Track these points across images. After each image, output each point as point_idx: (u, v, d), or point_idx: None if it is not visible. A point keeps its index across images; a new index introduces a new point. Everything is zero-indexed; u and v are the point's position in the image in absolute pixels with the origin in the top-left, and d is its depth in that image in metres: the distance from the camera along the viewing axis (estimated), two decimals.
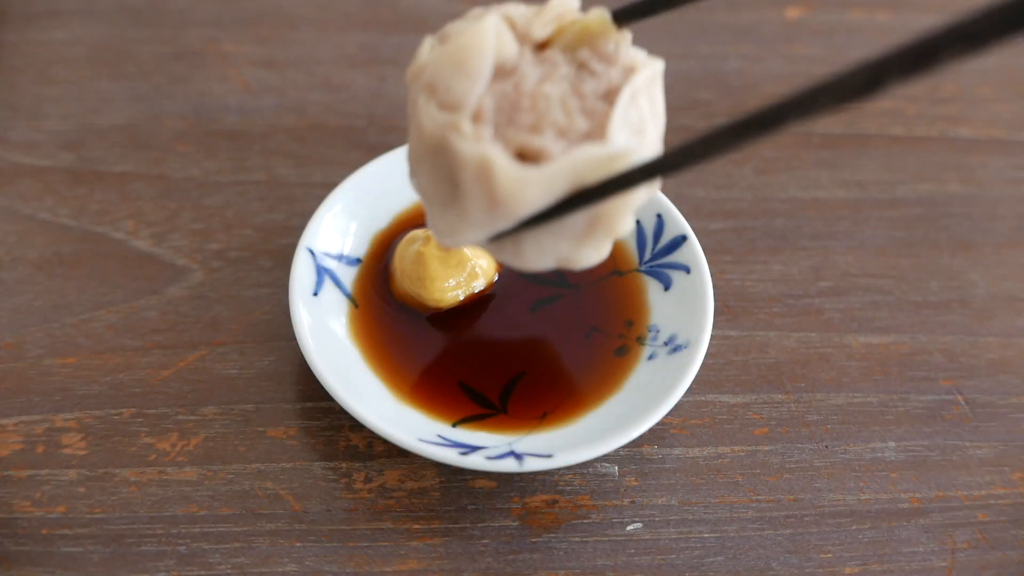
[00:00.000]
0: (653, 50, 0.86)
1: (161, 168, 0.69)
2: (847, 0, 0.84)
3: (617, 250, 0.62)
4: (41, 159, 0.69)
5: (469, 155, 0.43)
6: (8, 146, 0.70)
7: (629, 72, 0.46)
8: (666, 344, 0.58)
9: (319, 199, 0.62)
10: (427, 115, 0.45)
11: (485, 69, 0.44)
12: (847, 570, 0.54)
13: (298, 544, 0.53)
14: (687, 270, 0.60)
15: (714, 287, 0.59)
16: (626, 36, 0.48)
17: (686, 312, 0.58)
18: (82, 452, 0.56)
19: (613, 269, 0.62)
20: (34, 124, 0.71)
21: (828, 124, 0.75)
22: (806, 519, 0.56)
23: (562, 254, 0.48)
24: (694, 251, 0.60)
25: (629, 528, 0.55)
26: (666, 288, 0.60)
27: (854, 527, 0.56)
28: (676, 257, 0.60)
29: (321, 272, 0.59)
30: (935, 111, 0.77)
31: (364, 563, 0.53)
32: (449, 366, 0.58)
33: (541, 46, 0.48)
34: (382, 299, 0.60)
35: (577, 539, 0.54)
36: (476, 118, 0.44)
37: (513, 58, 0.46)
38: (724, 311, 0.64)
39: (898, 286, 0.66)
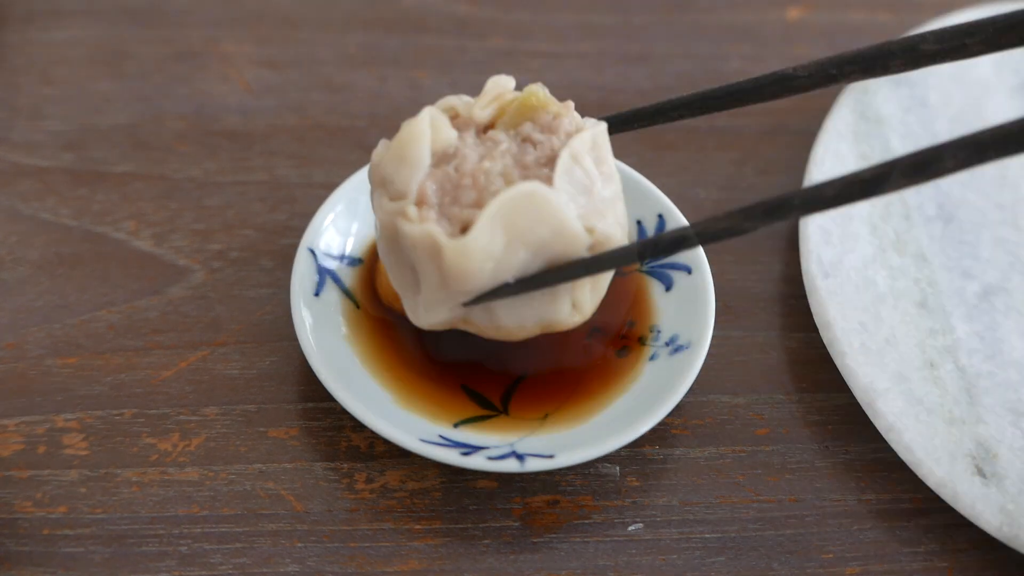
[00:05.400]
0: (653, 50, 0.85)
1: (162, 168, 0.69)
2: (847, 0, 0.84)
3: None
4: (42, 159, 0.69)
5: (416, 236, 0.47)
6: (9, 146, 0.70)
7: (570, 137, 0.50)
8: (667, 344, 0.58)
9: (320, 199, 0.62)
10: (379, 207, 0.50)
11: (423, 157, 0.49)
12: (848, 570, 0.54)
13: (299, 544, 0.53)
14: (688, 270, 0.60)
15: (716, 287, 0.59)
16: (567, 105, 0.52)
17: (688, 312, 0.58)
18: (83, 452, 0.56)
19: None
20: (35, 124, 0.71)
21: None
22: (807, 519, 0.56)
23: (540, 318, 0.52)
24: (695, 251, 0.60)
25: (630, 528, 0.55)
26: (667, 288, 0.60)
27: (855, 527, 0.56)
28: (677, 257, 0.60)
29: (322, 272, 0.59)
30: None
31: (365, 563, 0.53)
32: (450, 367, 0.58)
33: (486, 128, 0.51)
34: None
35: (578, 539, 0.54)
36: (420, 203, 0.48)
37: (453, 143, 0.50)
38: (726, 311, 0.64)
39: None
